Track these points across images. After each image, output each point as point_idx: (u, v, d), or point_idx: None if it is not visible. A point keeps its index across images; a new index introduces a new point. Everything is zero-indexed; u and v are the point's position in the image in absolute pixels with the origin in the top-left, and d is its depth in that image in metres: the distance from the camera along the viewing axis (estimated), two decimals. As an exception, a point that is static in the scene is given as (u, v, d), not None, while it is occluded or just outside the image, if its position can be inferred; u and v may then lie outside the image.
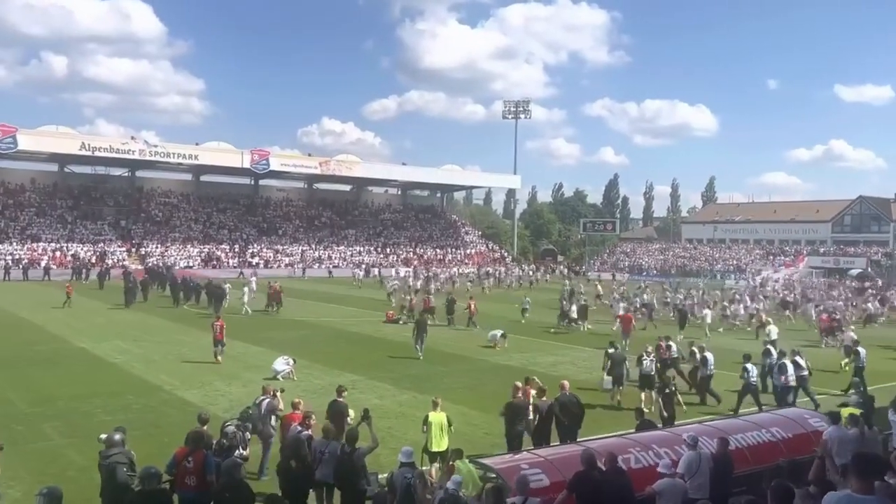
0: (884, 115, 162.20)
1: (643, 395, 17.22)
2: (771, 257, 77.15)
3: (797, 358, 17.62)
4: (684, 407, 15.45)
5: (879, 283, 55.19)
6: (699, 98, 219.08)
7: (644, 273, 74.18)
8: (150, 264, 56.40)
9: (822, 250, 76.55)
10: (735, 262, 77.14)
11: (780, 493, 5.82)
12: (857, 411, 11.17)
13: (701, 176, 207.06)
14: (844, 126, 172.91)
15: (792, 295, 43.12)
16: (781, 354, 18.30)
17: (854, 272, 65.20)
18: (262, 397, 12.55)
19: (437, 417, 11.77)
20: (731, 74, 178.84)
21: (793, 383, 17.08)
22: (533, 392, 13.54)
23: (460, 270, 64.35)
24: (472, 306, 32.22)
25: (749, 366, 17.06)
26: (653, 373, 17.54)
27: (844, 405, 12.65)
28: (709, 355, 18.28)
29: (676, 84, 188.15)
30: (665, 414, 14.63)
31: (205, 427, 10.26)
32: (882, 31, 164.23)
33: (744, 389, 17.01)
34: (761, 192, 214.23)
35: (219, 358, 22.50)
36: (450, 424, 11.89)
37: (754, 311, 33.94)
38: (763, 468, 9.45)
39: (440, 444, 11.55)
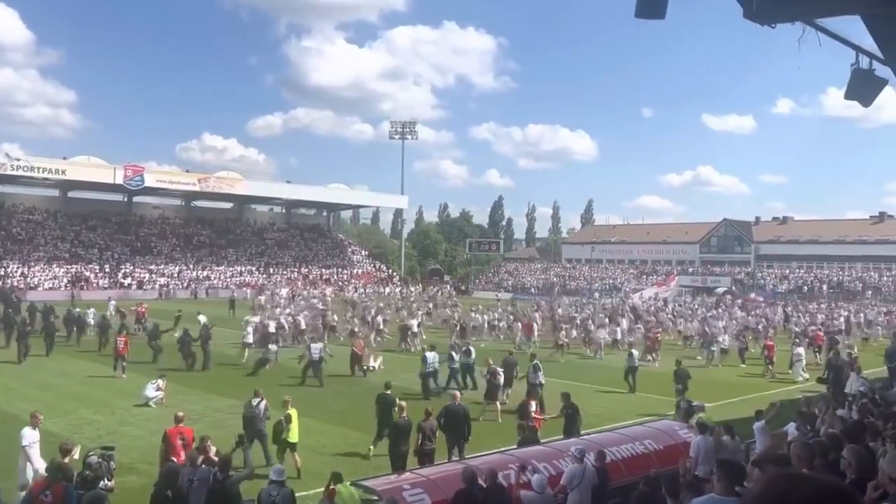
0: (746, 144, 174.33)
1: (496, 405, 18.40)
2: (644, 276, 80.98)
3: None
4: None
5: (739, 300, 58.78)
6: (580, 124, 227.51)
7: (526, 292, 76.01)
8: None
9: (690, 270, 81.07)
10: (611, 280, 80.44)
11: (643, 500, 6.08)
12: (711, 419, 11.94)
13: (580, 198, 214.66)
14: (711, 153, 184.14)
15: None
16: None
17: (720, 290, 69.40)
18: (255, 399, 14.15)
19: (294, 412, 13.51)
20: (609, 102, 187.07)
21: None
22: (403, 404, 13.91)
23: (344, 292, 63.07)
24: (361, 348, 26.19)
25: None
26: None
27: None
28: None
29: (558, 110, 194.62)
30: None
31: (66, 458, 9.59)
32: (745, 64, 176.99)
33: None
34: (636, 215, 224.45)
35: (124, 375, 22.79)
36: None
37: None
38: (637, 479, 9.81)
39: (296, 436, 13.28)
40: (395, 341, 31.80)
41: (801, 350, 26.41)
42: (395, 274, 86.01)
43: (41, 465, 10.37)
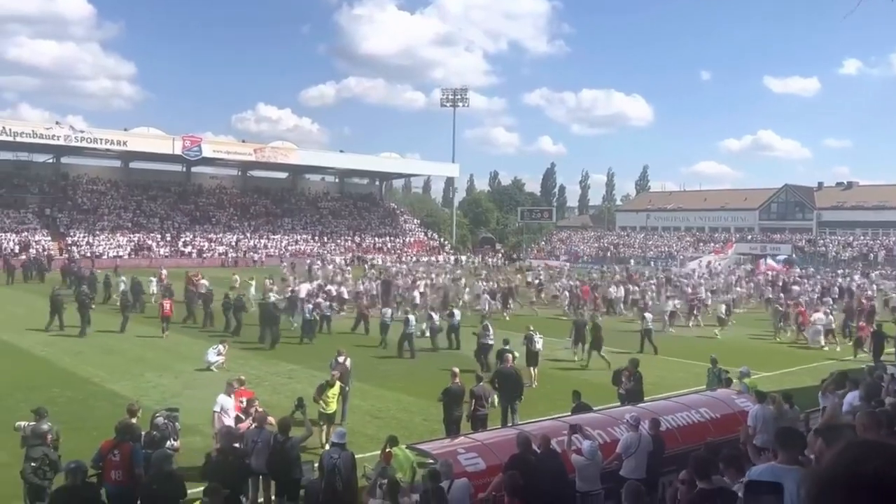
0: (809, 106, 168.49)
1: (532, 371, 18.49)
2: (701, 244, 79.42)
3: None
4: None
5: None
6: (635, 88, 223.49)
7: (580, 260, 75.37)
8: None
9: (749, 237, 79.15)
10: (666, 248, 79.15)
11: (701, 464, 6.05)
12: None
13: (635, 165, 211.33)
14: (772, 117, 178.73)
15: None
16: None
17: (780, 258, 67.66)
18: (341, 357, 15.05)
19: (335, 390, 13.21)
20: (666, 65, 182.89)
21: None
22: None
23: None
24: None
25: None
26: (541, 350, 19.28)
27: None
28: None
29: (614, 74, 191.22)
30: None
31: (134, 419, 9.99)
32: (809, 23, 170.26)
33: None
34: (693, 181, 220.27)
35: (165, 334, 24.29)
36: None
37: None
38: (692, 447, 9.74)
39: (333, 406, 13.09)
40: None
41: (820, 315, 26.41)
42: (446, 243, 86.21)
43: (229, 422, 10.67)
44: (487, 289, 33.98)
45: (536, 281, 40.17)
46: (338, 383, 13.24)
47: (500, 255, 79.20)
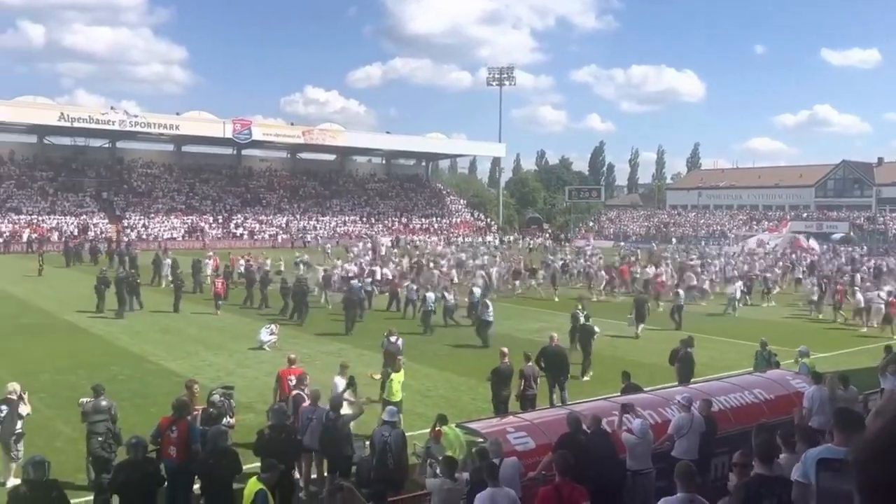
0: (870, 79, 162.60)
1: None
2: (754, 222, 77.64)
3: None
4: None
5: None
6: (687, 63, 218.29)
7: (629, 240, 74.43)
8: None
9: (805, 215, 77.08)
10: (719, 227, 77.60)
11: (764, 446, 5.92)
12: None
13: (686, 142, 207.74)
14: (830, 90, 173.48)
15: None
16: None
17: (836, 236, 65.79)
18: (392, 336, 15.54)
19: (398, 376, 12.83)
20: (718, 40, 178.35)
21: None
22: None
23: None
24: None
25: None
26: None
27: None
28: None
29: (664, 49, 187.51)
30: None
31: (192, 396, 10.27)
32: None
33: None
34: (746, 158, 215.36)
35: (218, 312, 25.16)
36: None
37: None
38: (746, 428, 9.59)
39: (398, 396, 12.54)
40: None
41: (873, 295, 25.98)
42: (492, 223, 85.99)
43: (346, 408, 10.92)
44: (504, 269, 34.75)
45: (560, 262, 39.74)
46: (402, 370, 13.00)
47: (547, 234, 78.71)
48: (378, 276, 30.79)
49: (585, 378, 16.83)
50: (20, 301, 28.25)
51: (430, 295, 23.96)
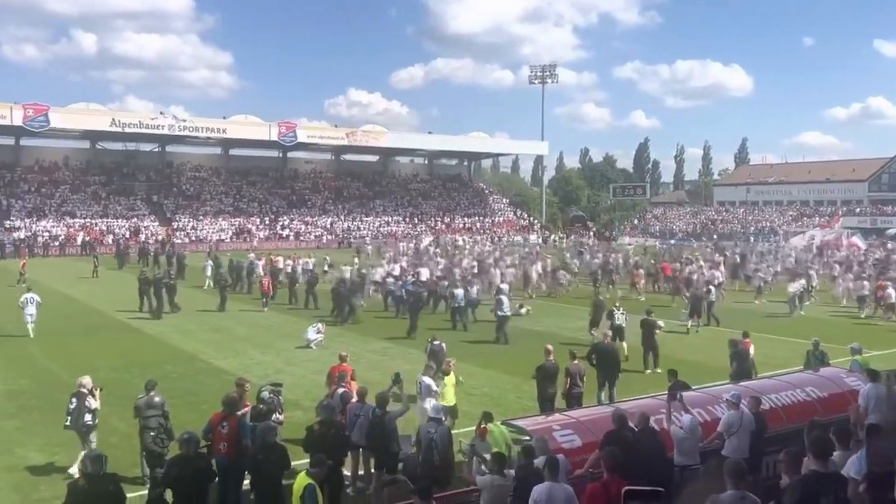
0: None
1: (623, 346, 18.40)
2: (805, 218, 75.81)
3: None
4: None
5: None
6: (733, 57, 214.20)
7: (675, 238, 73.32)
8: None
9: (857, 210, 74.98)
10: (768, 223, 75.97)
11: (820, 442, 5.79)
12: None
13: (734, 137, 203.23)
14: (884, 82, 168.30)
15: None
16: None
17: (892, 231, 63.85)
18: (436, 342, 15.19)
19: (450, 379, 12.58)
20: (766, 33, 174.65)
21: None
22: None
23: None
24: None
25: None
26: (624, 325, 19.16)
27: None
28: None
29: (710, 44, 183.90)
30: None
31: (242, 393, 10.45)
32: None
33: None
34: (796, 153, 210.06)
35: (265, 309, 26.38)
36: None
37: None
38: (798, 426, 9.39)
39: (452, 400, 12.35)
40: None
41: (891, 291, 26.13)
42: (535, 222, 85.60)
43: (429, 406, 11.13)
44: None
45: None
46: (453, 372, 12.80)
47: (591, 233, 78.02)
48: (423, 277, 30.93)
49: (648, 371, 17.33)
50: (75, 302, 29.13)
51: (459, 291, 24.13)
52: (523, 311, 25.89)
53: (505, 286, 25.86)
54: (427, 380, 11.95)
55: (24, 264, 35.41)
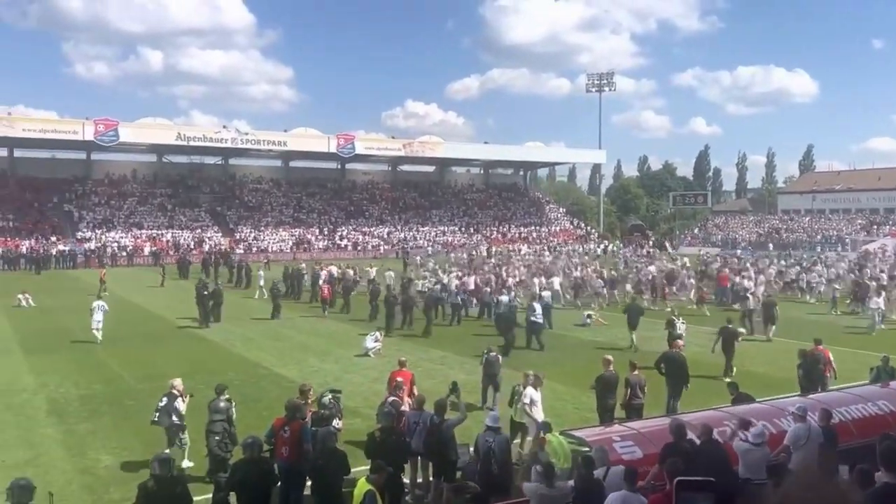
0: None
1: None
2: (874, 227, 73.09)
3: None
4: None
5: None
6: (798, 62, 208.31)
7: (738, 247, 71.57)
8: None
9: (932, 218, 72.01)
10: (835, 232, 73.54)
11: (890, 455, 5.61)
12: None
13: (798, 144, 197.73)
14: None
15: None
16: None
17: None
18: (491, 352, 14.97)
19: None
20: (832, 36, 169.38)
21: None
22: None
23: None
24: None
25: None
26: (683, 335, 18.76)
27: None
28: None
29: (773, 49, 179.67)
30: None
31: (305, 399, 10.65)
32: None
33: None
34: (864, 159, 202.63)
35: (325, 314, 27.70)
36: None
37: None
38: (870, 442, 9.06)
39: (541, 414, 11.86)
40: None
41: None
42: (593, 231, 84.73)
43: (539, 417, 11.25)
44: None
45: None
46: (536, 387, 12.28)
47: (650, 242, 76.80)
48: (471, 286, 31.04)
49: (727, 379, 16.65)
50: (143, 310, 30.12)
51: (504, 298, 24.19)
52: (589, 320, 25.79)
53: (546, 293, 26.10)
54: (531, 391, 11.91)
55: (105, 273, 37.01)
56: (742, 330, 18.42)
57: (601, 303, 30.83)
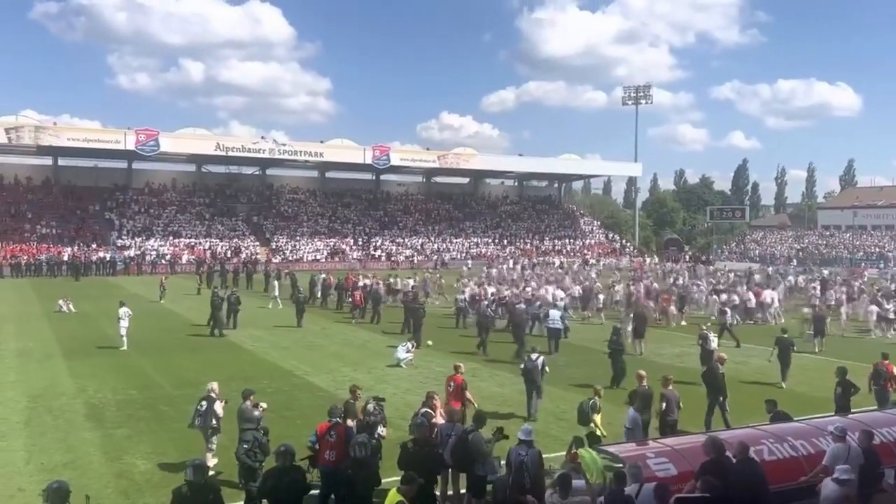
0: None
1: None
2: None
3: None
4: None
5: None
6: (840, 76, 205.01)
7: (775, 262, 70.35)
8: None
9: (979, 235, 70.04)
10: (877, 248, 71.90)
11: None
12: None
13: (839, 158, 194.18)
14: None
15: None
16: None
17: None
18: (535, 355, 15.10)
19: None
20: (875, 49, 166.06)
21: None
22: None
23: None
24: None
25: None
26: (717, 349, 18.53)
27: None
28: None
29: (815, 62, 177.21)
30: None
31: (356, 402, 10.75)
32: None
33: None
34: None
35: (353, 321, 28.78)
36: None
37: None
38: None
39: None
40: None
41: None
42: (627, 244, 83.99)
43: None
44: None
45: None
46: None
47: (686, 256, 75.88)
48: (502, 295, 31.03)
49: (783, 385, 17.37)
50: (179, 317, 30.57)
51: (556, 313, 23.98)
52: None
53: (561, 302, 27.03)
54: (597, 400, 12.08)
55: (166, 279, 39.32)
56: (715, 346, 18.40)
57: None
